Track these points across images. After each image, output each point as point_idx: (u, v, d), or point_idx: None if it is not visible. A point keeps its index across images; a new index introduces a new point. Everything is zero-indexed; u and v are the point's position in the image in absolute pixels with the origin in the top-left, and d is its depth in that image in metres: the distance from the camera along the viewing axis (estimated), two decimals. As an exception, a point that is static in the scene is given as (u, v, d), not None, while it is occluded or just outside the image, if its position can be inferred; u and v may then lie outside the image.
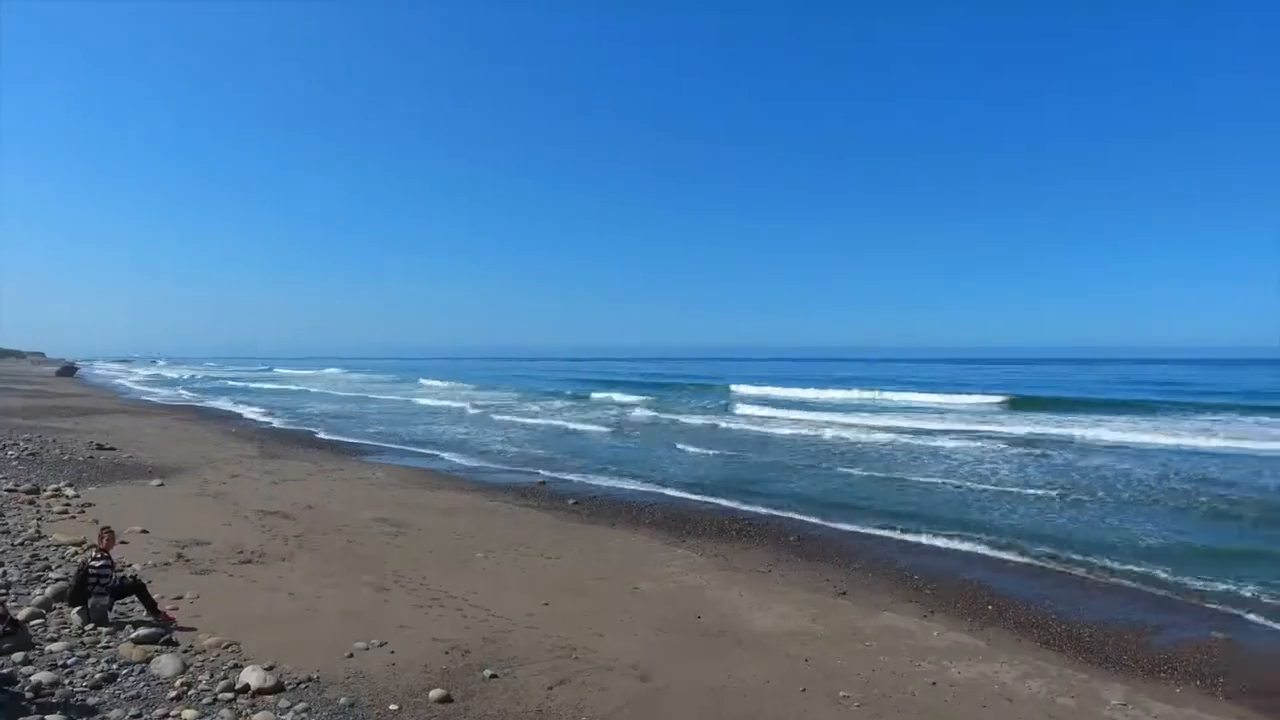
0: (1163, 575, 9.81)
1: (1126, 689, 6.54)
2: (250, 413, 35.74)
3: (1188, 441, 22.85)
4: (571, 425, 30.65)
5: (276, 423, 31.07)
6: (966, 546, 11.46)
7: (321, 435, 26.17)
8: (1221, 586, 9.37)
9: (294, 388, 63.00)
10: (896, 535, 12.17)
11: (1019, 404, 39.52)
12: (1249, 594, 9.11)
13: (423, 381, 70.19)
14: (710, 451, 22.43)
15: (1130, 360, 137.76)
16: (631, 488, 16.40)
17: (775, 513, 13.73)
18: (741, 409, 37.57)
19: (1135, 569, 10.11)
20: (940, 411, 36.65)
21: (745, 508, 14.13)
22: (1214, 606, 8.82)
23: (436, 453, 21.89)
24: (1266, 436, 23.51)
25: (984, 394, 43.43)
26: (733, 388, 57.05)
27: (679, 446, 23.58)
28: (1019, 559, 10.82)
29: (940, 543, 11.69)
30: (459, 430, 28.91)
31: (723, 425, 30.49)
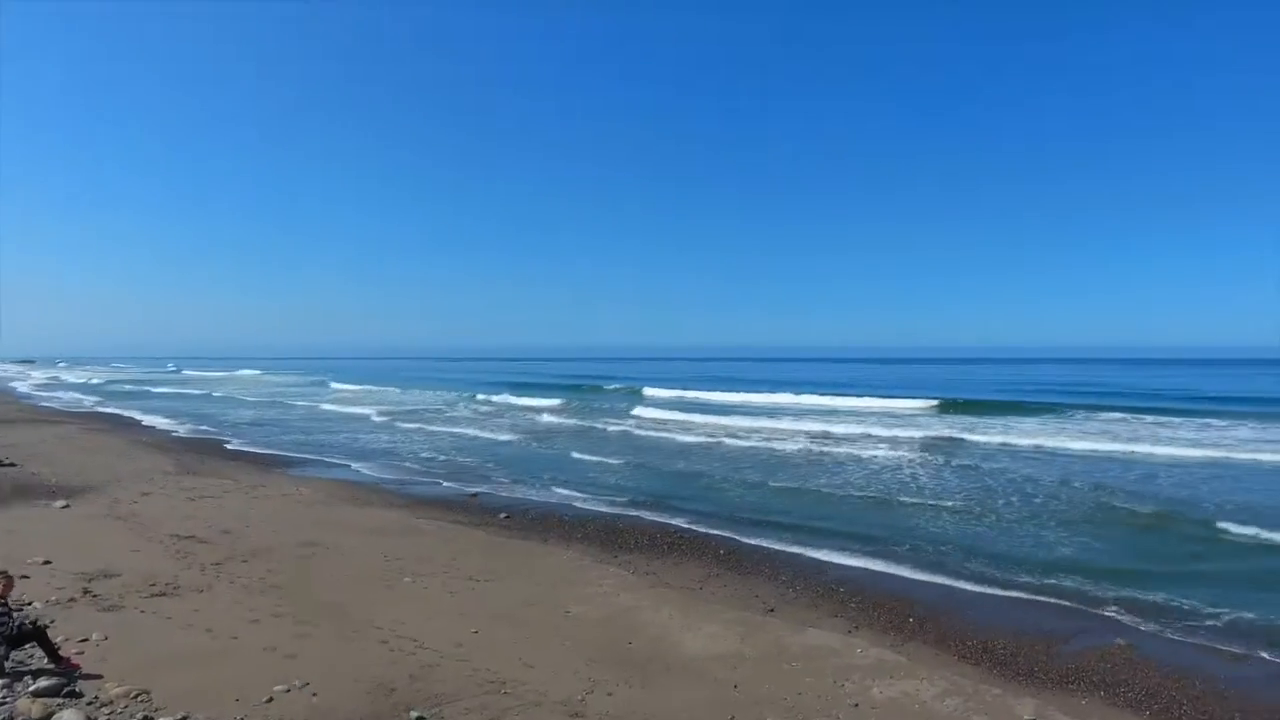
0: (1069, 584, 10.32)
1: (1036, 702, 6.85)
2: (160, 420, 34.21)
3: (1090, 446, 24.08)
4: (492, 433, 30.16)
5: (187, 431, 29.85)
6: (886, 557, 11.76)
7: (238, 445, 25.21)
8: (1122, 593, 9.90)
9: (206, 392, 60.47)
10: (819, 548, 12.37)
11: (948, 407, 40.60)
12: (1147, 600, 9.66)
13: (334, 385, 68.64)
14: (636, 460, 22.56)
15: (1110, 360, 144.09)
16: (560, 500, 16.34)
17: (705, 525, 13.85)
18: (666, 415, 37.16)
19: (1044, 578, 10.60)
20: (866, 416, 37.50)
21: (675, 520, 14.22)
22: (1114, 614, 9.28)
23: (360, 464, 21.33)
24: (1157, 439, 24.96)
25: (915, 398, 44.30)
26: (655, 392, 56.28)
27: (606, 456, 23.60)
28: (935, 568, 11.16)
29: (861, 553, 11.95)
30: (383, 439, 28.25)
31: (644, 433, 30.22)
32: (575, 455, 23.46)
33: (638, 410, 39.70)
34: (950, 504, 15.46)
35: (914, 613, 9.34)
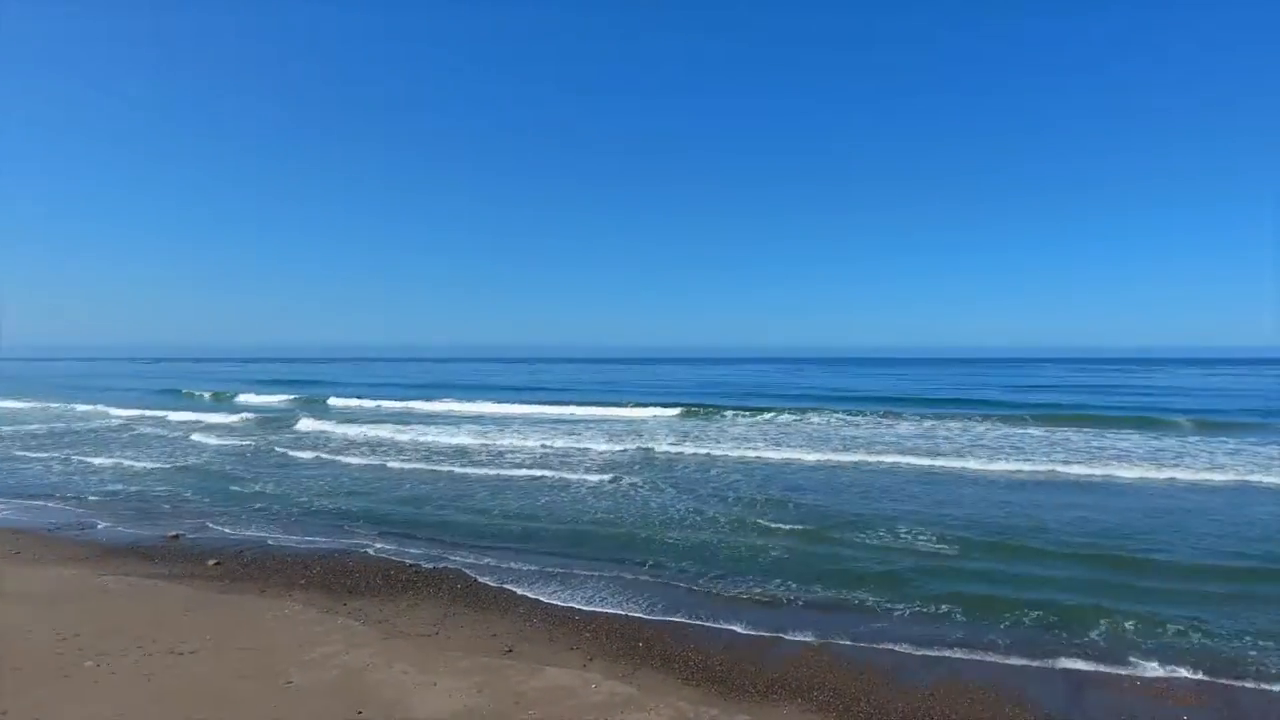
0: (769, 592, 11.60)
1: (747, 718, 7.62)
2: None
3: (786, 454, 27.13)
4: (172, 458, 27.09)
5: None
6: (614, 580, 12.38)
7: None
8: (810, 597, 11.35)
9: None
10: (551, 579, 12.66)
11: (692, 413, 42.94)
12: (833, 603, 11.16)
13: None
14: (354, 483, 21.56)
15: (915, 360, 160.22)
16: (275, 537, 15.04)
17: (439, 559, 13.57)
18: (379, 432, 34.39)
19: (752, 587, 11.82)
20: (598, 424, 38.80)
21: (406, 556, 13.73)
22: (805, 618, 10.57)
23: (14, 505, 18.02)
24: (844, 443, 28.76)
25: (657, 405, 46.12)
26: (376, 403, 53.06)
27: (323, 478, 22.27)
28: (658, 588, 11.96)
29: (592, 578, 12.47)
30: (54, 465, 24.10)
31: (358, 454, 28.53)
32: (286, 480, 21.75)
33: (344, 429, 35.95)
34: (665, 519, 16.56)
35: (642, 636, 9.93)
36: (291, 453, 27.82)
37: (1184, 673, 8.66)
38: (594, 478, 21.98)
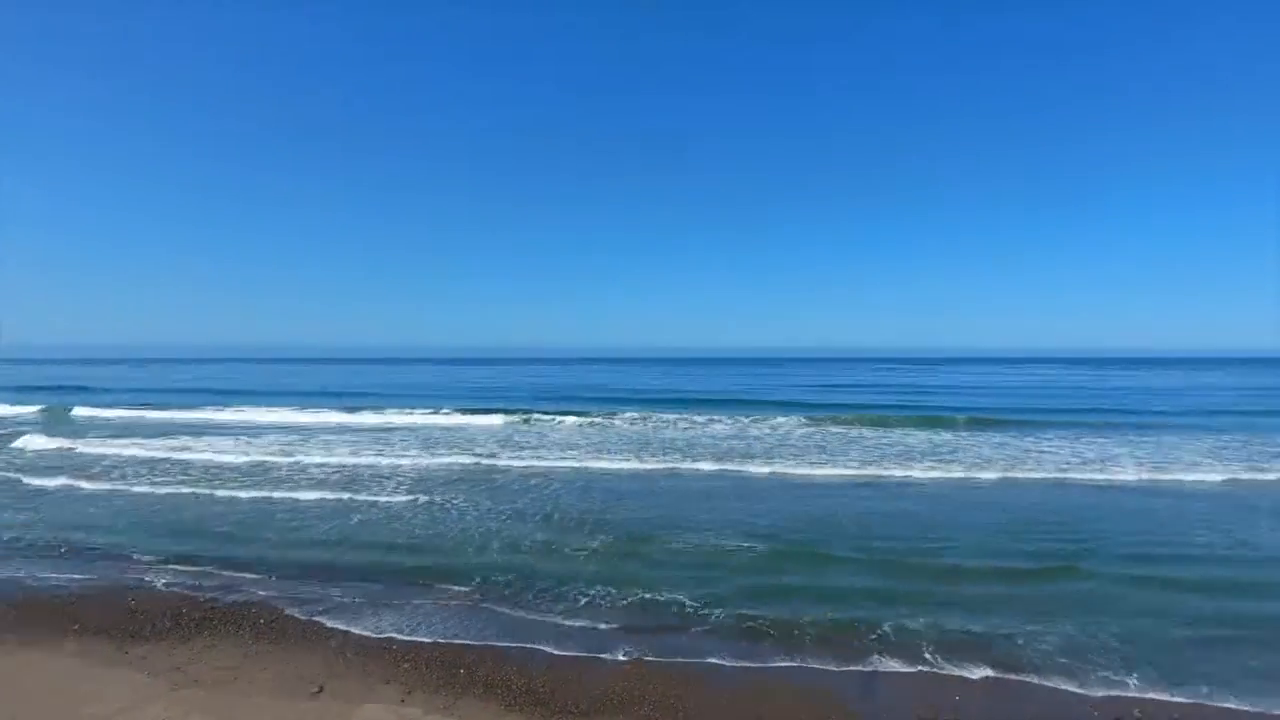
0: (594, 605, 11.83)
1: (569, 741, 7.74)
2: None
3: (611, 465, 27.62)
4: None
5: None
6: (434, 607, 12.07)
7: None
8: (624, 604, 11.68)
9: None
10: (363, 609, 12.15)
11: (514, 418, 42.21)
12: (653, 609, 11.54)
13: None
14: (120, 506, 19.51)
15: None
16: (36, 574, 13.31)
17: (237, 590, 12.60)
18: (127, 445, 31.00)
19: (573, 603, 12.00)
20: (413, 433, 37.54)
21: (202, 592, 12.58)
22: (617, 633, 10.86)
23: None
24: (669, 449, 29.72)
25: (484, 413, 44.69)
26: (104, 413, 46.30)
27: (76, 499, 19.98)
28: (480, 609, 11.82)
29: (403, 605, 12.08)
30: None
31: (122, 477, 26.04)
32: (43, 507, 19.21)
33: (108, 445, 30.79)
34: (484, 537, 16.31)
35: (463, 663, 9.75)
36: (36, 480, 23.09)
37: (971, 668, 9.66)
38: (408, 495, 20.90)
